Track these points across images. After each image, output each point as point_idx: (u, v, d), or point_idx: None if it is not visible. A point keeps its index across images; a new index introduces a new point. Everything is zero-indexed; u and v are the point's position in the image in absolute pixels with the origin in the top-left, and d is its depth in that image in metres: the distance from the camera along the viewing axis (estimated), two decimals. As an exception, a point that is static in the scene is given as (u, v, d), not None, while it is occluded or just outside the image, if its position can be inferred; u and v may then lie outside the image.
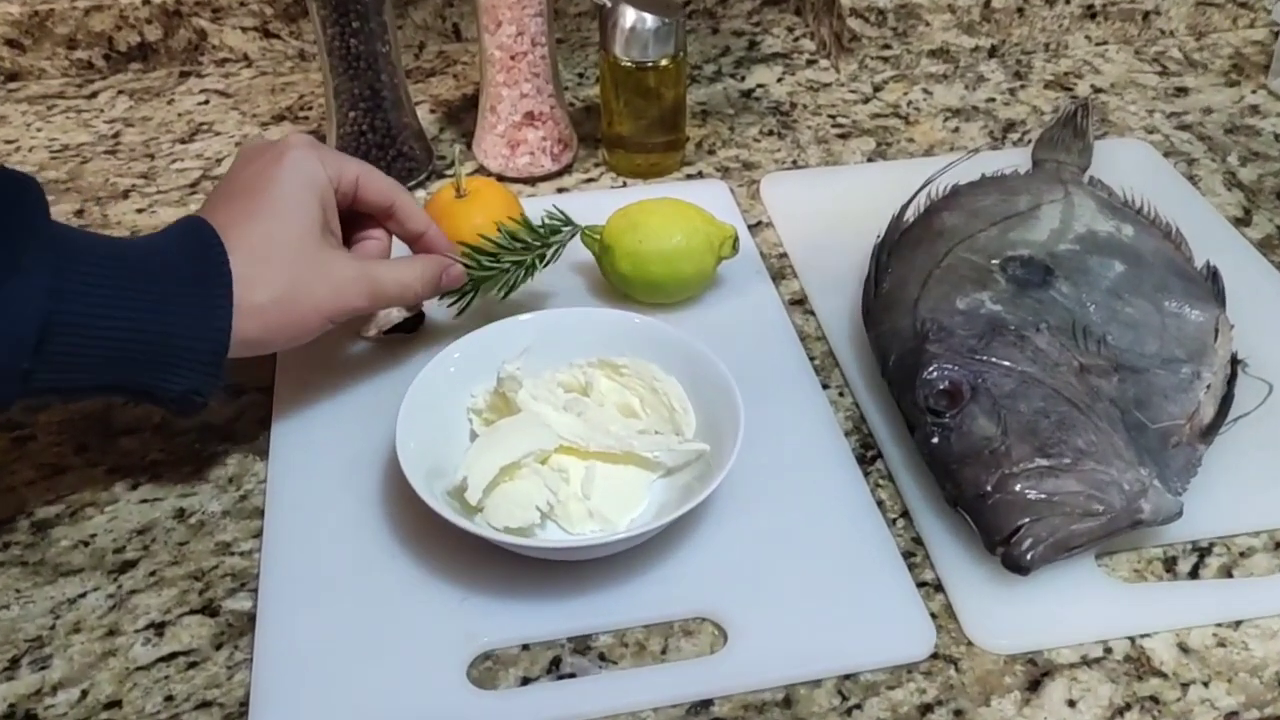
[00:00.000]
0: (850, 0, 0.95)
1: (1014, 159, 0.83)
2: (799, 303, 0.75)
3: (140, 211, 0.82)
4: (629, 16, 0.79)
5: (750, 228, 0.81)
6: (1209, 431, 0.61)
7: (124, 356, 0.54)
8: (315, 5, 0.77)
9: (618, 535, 0.54)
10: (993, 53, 0.99)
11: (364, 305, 0.61)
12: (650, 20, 0.79)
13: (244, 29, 0.98)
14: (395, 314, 0.68)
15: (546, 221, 0.70)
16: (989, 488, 0.57)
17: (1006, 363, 0.62)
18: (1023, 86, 0.96)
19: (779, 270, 0.77)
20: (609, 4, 0.80)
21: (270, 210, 0.58)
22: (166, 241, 0.57)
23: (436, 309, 0.70)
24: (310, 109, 0.94)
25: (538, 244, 0.69)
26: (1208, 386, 0.63)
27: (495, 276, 0.67)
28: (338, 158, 0.62)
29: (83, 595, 0.58)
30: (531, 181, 0.85)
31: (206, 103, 0.95)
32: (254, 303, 0.56)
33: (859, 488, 0.62)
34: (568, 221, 0.70)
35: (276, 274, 0.57)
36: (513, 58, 0.81)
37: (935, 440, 0.60)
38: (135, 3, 0.95)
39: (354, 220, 0.65)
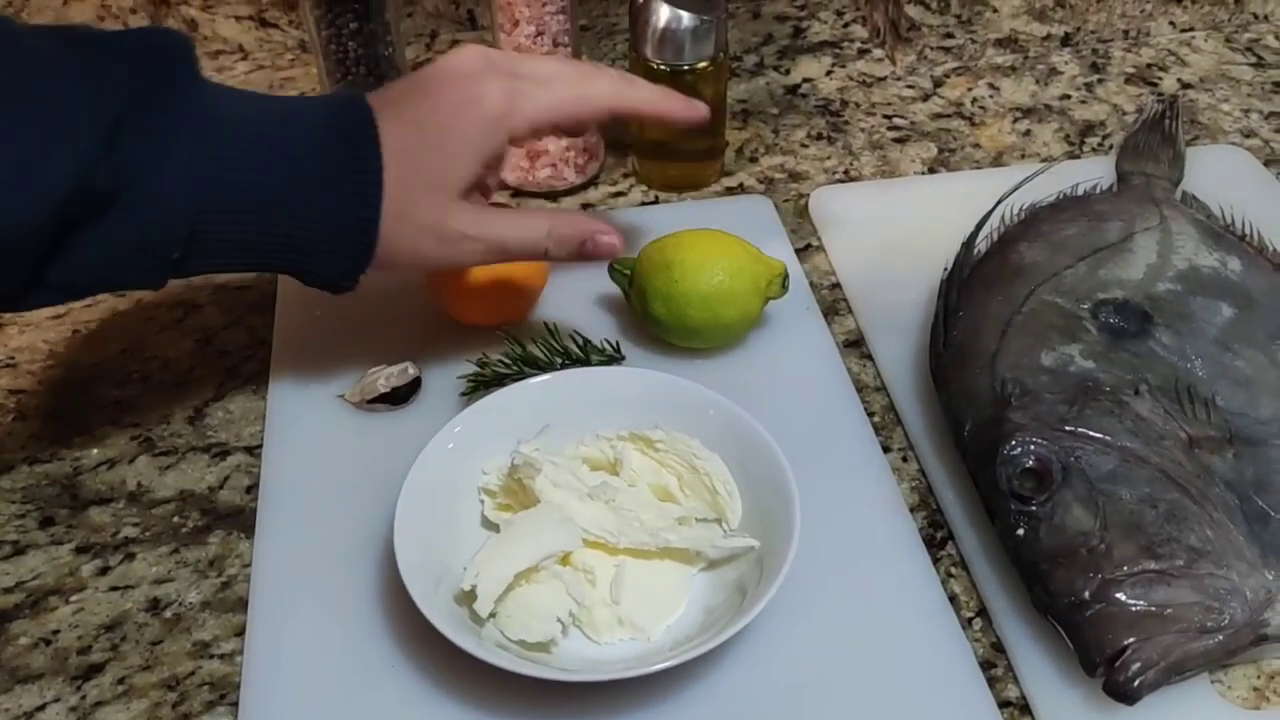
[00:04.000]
0: (909, -15, 0.85)
1: (1095, 170, 0.73)
2: (855, 344, 0.66)
3: (121, 232, 0.74)
4: (663, 14, 0.70)
5: (798, 252, 0.72)
6: (1341, 519, 0.53)
7: (272, 242, 0.52)
8: (308, 4, 0.68)
9: (648, 669, 0.46)
10: (1066, 41, 0.89)
11: (479, 253, 0.55)
12: (687, 19, 0.70)
13: (238, 18, 0.89)
14: (382, 382, 0.60)
15: (603, 347, 0.62)
16: (1086, 595, 0.48)
17: (1103, 435, 0.54)
18: (1100, 81, 0.86)
19: (831, 304, 0.69)
20: (640, -1, 0.70)
21: (429, 148, 0.53)
22: (319, 116, 0.53)
23: (440, 377, 0.62)
24: (311, 109, 0.85)
25: (578, 361, 0.61)
26: (1337, 461, 0.54)
27: (516, 377, 0.59)
28: (530, 110, 0.54)
29: (41, 708, 0.50)
30: (553, 196, 0.76)
31: (197, 102, 0.86)
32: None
33: (928, 579, 0.54)
34: (618, 353, 0.63)
35: (402, 197, 0.52)
36: (532, 60, 0.72)
37: (1021, 532, 0.51)
38: (118, -9, 0.86)
39: None
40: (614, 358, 0.62)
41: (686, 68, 0.71)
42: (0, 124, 0.45)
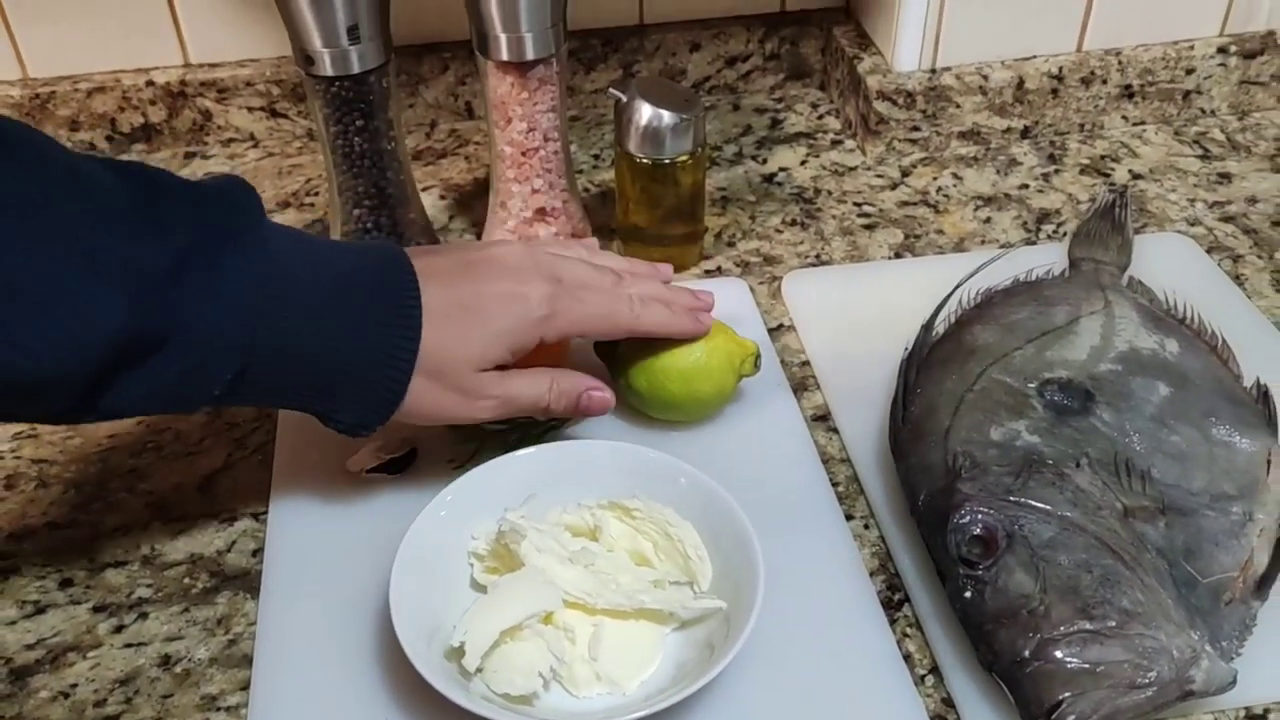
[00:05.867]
0: (877, 84, 0.91)
1: (1049, 256, 0.79)
2: (822, 418, 0.71)
3: (138, 310, 0.79)
4: (645, 113, 0.75)
5: (771, 331, 0.77)
6: (1264, 584, 0.57)
7: (306, 386, 0.56)
8: (317, 103, 0.74)
9: (626, 718, 0.50)
10: (1025, 134, 0.95)
11: (494, 408, 0.60)
12: (667, 117, 0.75)
13: (250, 109, 0.95)
14: (380, 453, 0.64)
15: None
16: (1027, 654, 0.53)
17: (1045, 505, 0.58)
18: (1057, 171, 0.92)
19: (801, 381, 0.74)
20: (624, 98, 0.76)
21: (469, 327, 0.58)
22: (368, 276, 0.57)
23: (434, 449, 0.67)
24: (317, 194, 0.91)
25: (550, 416, 0.65)
26: (1261, 530, 0.59)
27: (503, 435, 0.64)
28: (564, 321, 0.60)
29: (59, 757, 0.54)
30: (543, 277, 0.81)
31: (210, 187, 0.92)
32: None
33: (884, 638, 0.58)
34: None
35: (435, 361, 0.57)
36: (524, 154, 0.77)
37: (968, 595, 0.56)
38: (138, 84, 0.92)
39: None
40: None
41: (668, 161, 0.77)
42: (58, 268, 0.46)
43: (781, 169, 0.93)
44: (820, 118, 0.99)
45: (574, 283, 0.61)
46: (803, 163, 0.94)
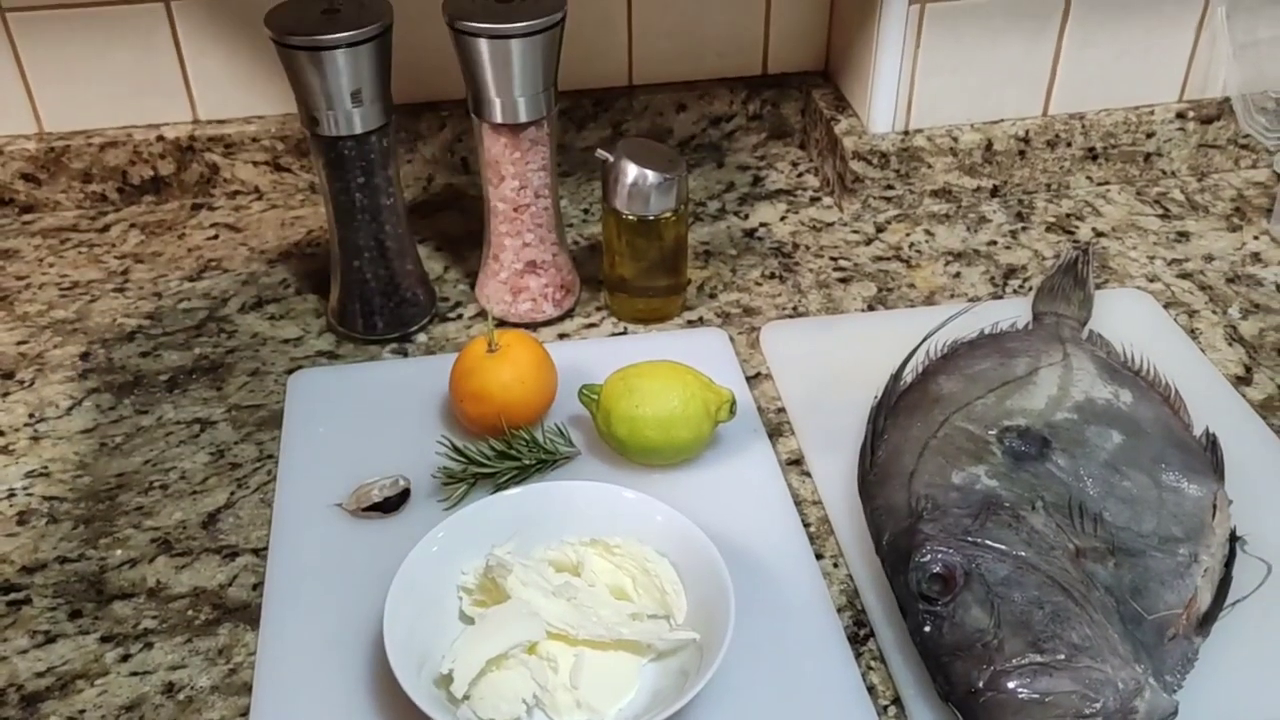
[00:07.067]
0: (853, 144, 0.96)
1: (1015, 309, 0.83)
2: (796, 462, 0.75)
3: (145, 355, 0.83)
4: (630, 172, 0.80)
5: (749, 379, 0.81)
6: (1206, 621, 0.61)
7: None
8: (320, 160, 0.78)
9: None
10: (994, 193, 1.00)
11: None
12: (652, 176, 0.80)
13: (255, 163, 0.99)
14: (375, 493, 0.68)
15: (551, 440, 0.72)
16: (980, 684, 0.56)
17: (1001, 546, 0.62)
18: (1024, 229, 0.96)
19: (776, 426, 0.77)
20: (610, 158, 0.81)
21: None
22: None
23: (427, 489, 0.71)
24: (318, 244, 0.95)
25: (537, 458, 0.70)
26: (1205, 571, 0.63)
27: (492, 475, 0.69)
28: None
29: (67, 779, 0.57)
30: (533, 326, 0.86)
31: (216, 237, 0.96)
32: None
33: (849, 671, 0.61)
34: (569, 443, 0.73)
35: None
36: (516, 209, 0.82)
37: (927, 629, 0.59)
38: (149, 139, 0.97)
39: None
40: (564, 446, 0.72)
41: (652, 217, 0.81)
42: None
43: (762, 224, 0.98)
44: (800, 176, 1.04)
45: None
46: (782, 218, 0.98)
